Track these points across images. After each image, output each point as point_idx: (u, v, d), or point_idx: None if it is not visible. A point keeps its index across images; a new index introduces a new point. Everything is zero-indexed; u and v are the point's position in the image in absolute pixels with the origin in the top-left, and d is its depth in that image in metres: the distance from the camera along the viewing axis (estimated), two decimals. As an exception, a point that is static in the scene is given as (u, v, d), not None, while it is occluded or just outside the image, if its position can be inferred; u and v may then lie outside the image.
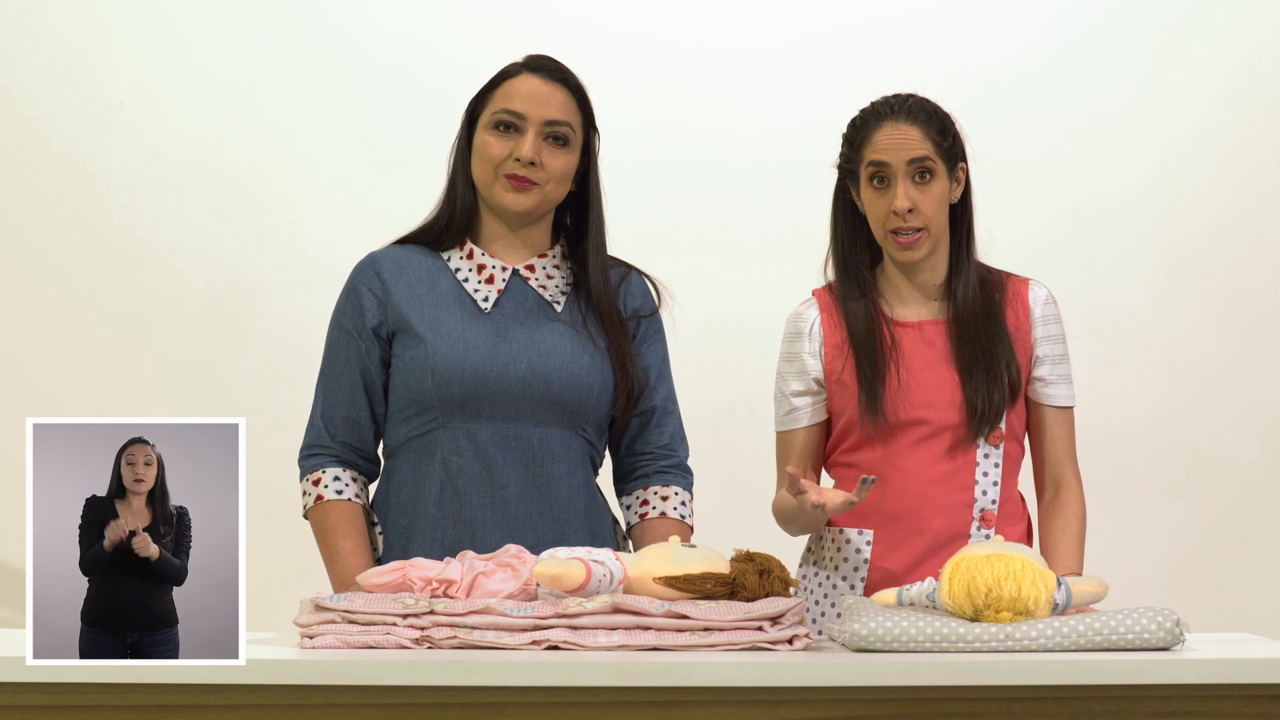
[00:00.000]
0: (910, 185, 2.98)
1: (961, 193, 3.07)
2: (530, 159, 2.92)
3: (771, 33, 4.68)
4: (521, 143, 2.92)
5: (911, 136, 2.99)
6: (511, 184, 2.94)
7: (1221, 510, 4.67)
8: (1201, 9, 4.67)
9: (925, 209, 2.99)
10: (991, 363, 3.02)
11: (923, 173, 2.99)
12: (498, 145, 2.93)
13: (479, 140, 2.95)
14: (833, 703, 2.37)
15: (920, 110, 3.02)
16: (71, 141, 4.65)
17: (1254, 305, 4.67)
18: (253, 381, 4.61)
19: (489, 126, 2.94)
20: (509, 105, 2.93)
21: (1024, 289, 3.09)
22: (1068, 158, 4.65)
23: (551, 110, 2.94)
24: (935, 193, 3.00)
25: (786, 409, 3.10)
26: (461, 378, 2.91)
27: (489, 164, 2.94)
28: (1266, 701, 2.39)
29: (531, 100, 2.93)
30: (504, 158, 2.93)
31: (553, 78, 2.96)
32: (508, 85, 2.96)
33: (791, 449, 3.11)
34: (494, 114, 2.94)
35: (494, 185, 2.95)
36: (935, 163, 2.99)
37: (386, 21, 4.67)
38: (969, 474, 3.03)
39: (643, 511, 3.03)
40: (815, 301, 3.12)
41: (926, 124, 3.01)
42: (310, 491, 2.96)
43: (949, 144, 3.02)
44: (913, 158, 2.98)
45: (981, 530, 3.04)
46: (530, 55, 3.00)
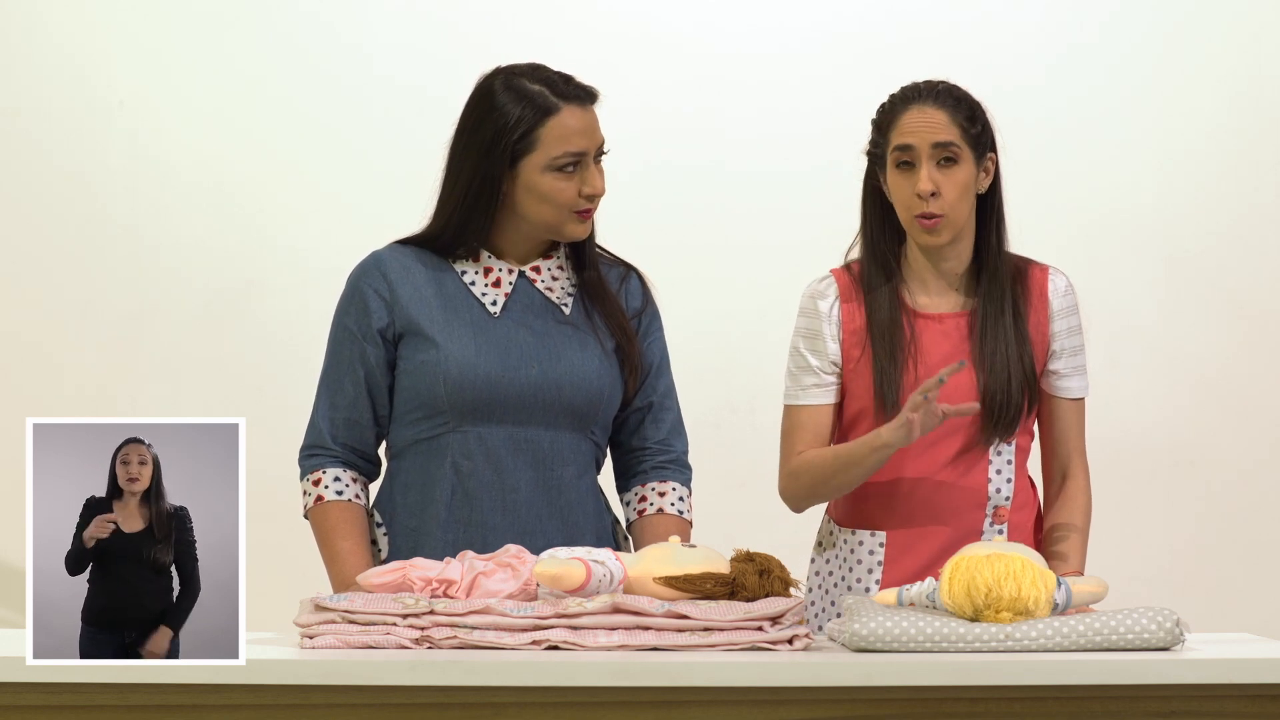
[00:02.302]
0: (934, 169, 2.97)
1: (990, 184, 3.05)
2: (603, 191, 2.92)
3: (772, 42, 4.68)
4: (589, 177, 2.90)
5: (938, 120, 2.98)
6: (581, 217, 2.92)
7: (1222, 510, 4.67)
8: (1203, 16, 4.67)
9: (948, 193, 2.97)
10: (1010, 363, 3.00)
11: (948, 158, 2.98)
12: (567, 187, 2.90)
13: (544, 185, 2.89)
14: (833, 703, 2.37)
15: (949, 95, 3.01)
16: (71, 141, 4.65)
17: (1255, 308, 4.67)
18: (253, 381, 4.61)
19: (550, 170, 2.89)
20: (570, 148, 2.89)
21: (1044, 278, 3.08)
22: (1071, 164, 4.65)
23: (598, 134, 2.92)
24: (959, 179, 2.98)
25: (801, 385, 3.06)
26: (474, 383, 2.91)
27: (564, 207, 2.91)
28: (1266, 701, 2.39)
29: (586, 135, 2.89)
30: (575, 196, 2.91)
31: (586, 99, 2.92)
32: (556, 125, 2.89)
33: (801, 423, 3.06)
34: (555, 159, 2.88)
35: (564, 222, 2.93)
36: (960, 148, 2.97)
37: (385, 27, 4.66)
38: (982, 473, 3.02)
39: (641, 508, 3.02)
40: (834, 282, 3.09)
41: (954, 109, 2.99)
42: (310, 492, 2.96)
43: (977, 131, 3.00)
44: (937, 141, 2.96)
45: (994, 526, 3.03)
46: (532, 72, 2.93)
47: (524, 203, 2.92)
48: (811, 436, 3.05)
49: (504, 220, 2.96)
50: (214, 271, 4.65)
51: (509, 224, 2.96)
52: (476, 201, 2.92)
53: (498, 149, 2.90)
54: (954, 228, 2.99)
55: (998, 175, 3.06)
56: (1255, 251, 4.67)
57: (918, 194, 2.96)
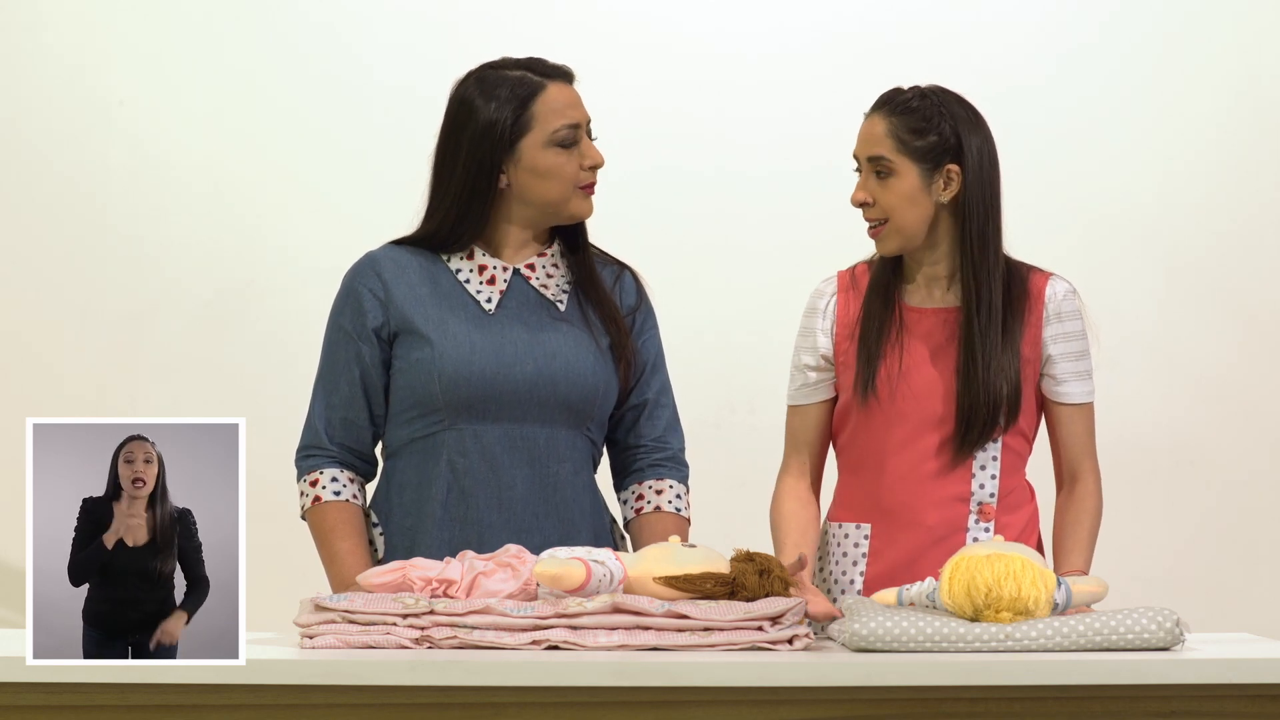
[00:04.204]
0: (871, 179, 3.01)
1: (956, 192, 3.04)
2: (602, 163, 2.94)
3: (772, 43, 4.68)
4: (587, 149, 2.93)
5: (875, 133, 3.01)
6: (585, 193, 2.95)
7: (1222, 511, 4.67)
8: (1203, 18, 4.67)
9: (884, 202, 3.00)
10: (991, 371, 3.00)
11: (879, 171, 3.01)
12: (569, 161, 2.92)
13: (545, 161, 2.91)
14: (833, 703, 2.37)
15: (901, 105, 3.02)
16: (71, 142, 4.65)
17: (1256, 309, 4.67)
18: (253, 381, 4.61)
19: (550, 145, 2.91)
20: (566, 120, 2.91)
21: (1043, 284, 3.08)
22: (1071, 166, 4.65)
23: (585, 111, 2.96)
24: (898, 189, 3.00)
25: (798, 383, 3.11)
26: (469, 380, 2.91)
27: (568, 182, 2.92)
28: (1266, 701, 2.39)
29: (576, 106, 2.93)
30: (577, 170, 2.92)
31: (565, 78, 2.96)
32: (546, 100, 2.92)
33: (791, 425, 3.11)
34: (554, 133, 2.90)
35: (569, 198, 2.94)
36: (894, 160, 2.99)
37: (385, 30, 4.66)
38: (965, 468, 3.03)
39: (639, 506, 3.02)
40: (835, 280, 3.13)
41: (900, 119, 3.00)
42: (308, 493, 2.96)
43: (926, 143, 3.01)
44: (870, 155, 3.01)
45: (980, 523, 3.03)
46: (525, 60, 2.96)
47: (528, 186, 2.92)
48: (799, 438, 3.11)
49: (499, 216, 2.97)
50: (213, 272, 4.65)
51: (503, 220, 2.97)
52: (473, 197, 2.93)
53: (493, 136, 2.91)
54: (901, 235, 3.01)
55: (979, 184, 3.03)
56: (1255, 252, 4.67)
57: (851, 201, 3.02)
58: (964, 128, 3.02)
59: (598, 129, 2.99)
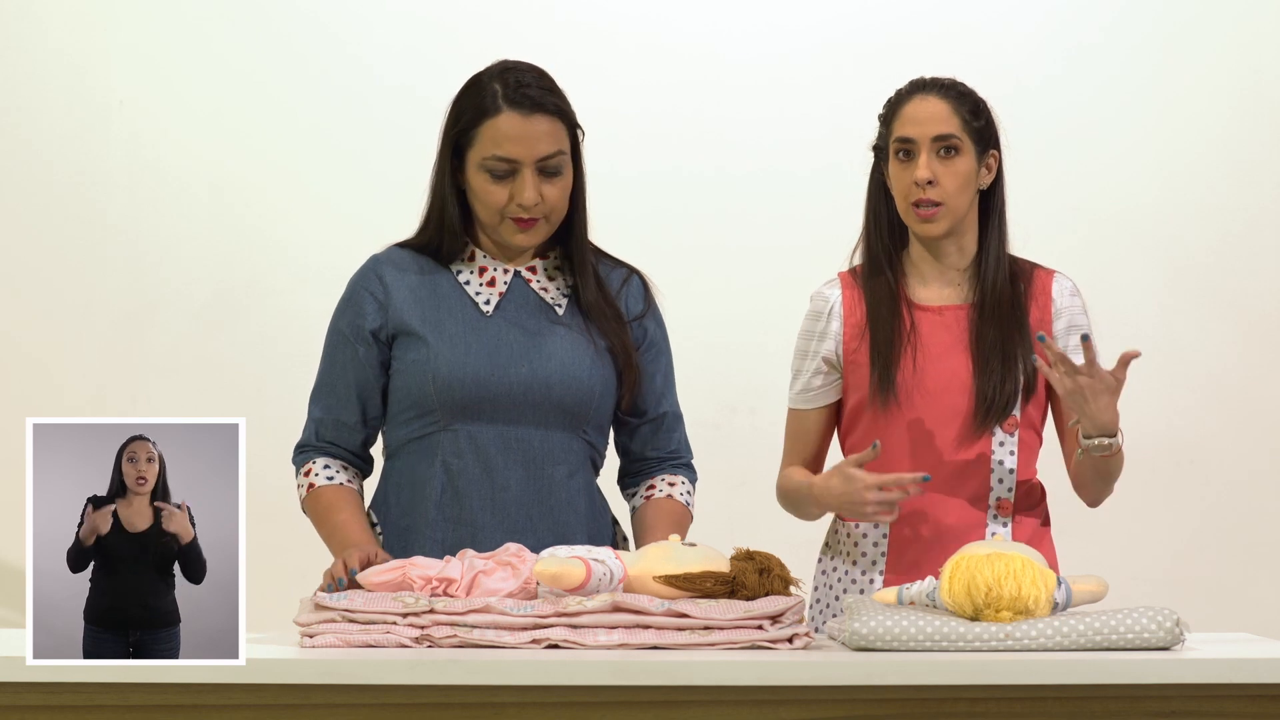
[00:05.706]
0: (933, 159, 2.99)
1: (992, 181, 3.06)
2: (533, 203, 2.87)
3: (773, 45, 4.68)
4: (521, 187, 2.86)
5: (939, 111, 3.00)
6: (518, 225, 2.90)
7: (1222, 511, 4.67)
8: (1205, 19, 4.67)
9: (946, 184, 2.98)
10: (1008, 353, 3.01)
11: (948, 149, 2.99)
12: (497, 191, 2.88)
13: (476, 183, 2.89)
14: (833, 703, 2.37)
15: (952, 88, 3.03)
16: (70, 142, 4.65)
17: (1257, 310, 4.68)
18: (253, 381, 4.62)
19: (482, 170, 2.88)
20: (499, 152, 2.86)
21: (1049, 281, 3.09)
22: (1073, 167, 4.65)
23: (541, 146, 2.86)
24: (959, 170, 2.99)
25: (801, 386, 3.10)
26: (463, 381, 2.91)
27: (493, 210, 2.89)
28: (1266, 701, 2.39)
29: (520, 142, 2.85)
30: (506, 203, 2.88)
31: (532, 109, 2.86)
32: (491, 128, 2.86)
33: (791, 429, 3.12)
34: (485, 160, 2.87)
35: (500, 226, 2.91)
36: (961, 140, 2.99)
37: (386, 31, 4.67)
38: (984, 463, 3.03)
39: (649, 494, 3.02)
40: (839, 281, 3.12)
41: (958, 101, 3.01)
42: (303, 483, 2.97)
43: (980, 125, 3.02)
44: (938, 133, 2.98)
45: (999, 519, 3.03)
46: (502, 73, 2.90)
47: (470, 199, 2.93)
48: (799, 442, 3.11)
49: None
50: (213, 272, 4.66)
51: None
52: (446, 196, 2.94)
53: (451, 139, 2.92)
54: (952, 218, 3.00)
55: (1001, 175, 3.07)
56: (1257, 253, 4.68)
57: (915, 181, 2.98)
58: (994, 118, 3.05)
59: (598, 130, 2.99)
